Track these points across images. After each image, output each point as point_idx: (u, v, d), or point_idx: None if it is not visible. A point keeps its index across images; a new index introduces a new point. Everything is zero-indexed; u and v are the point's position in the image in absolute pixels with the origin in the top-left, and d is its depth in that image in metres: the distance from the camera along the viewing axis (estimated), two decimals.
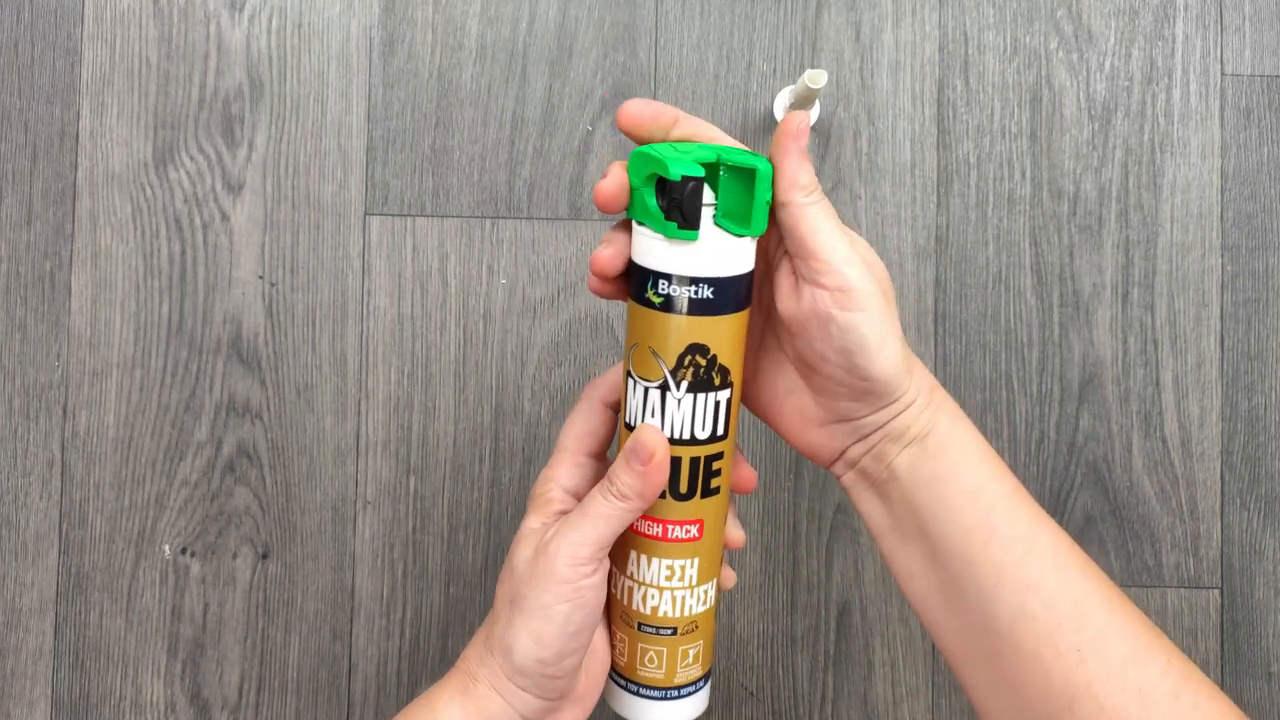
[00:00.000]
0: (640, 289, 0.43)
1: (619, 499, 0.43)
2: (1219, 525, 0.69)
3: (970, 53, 0.71)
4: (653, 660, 0.46)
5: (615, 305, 0.69)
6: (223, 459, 0.68)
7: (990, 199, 0.70)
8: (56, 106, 0.69)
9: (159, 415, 0.68)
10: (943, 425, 0.44)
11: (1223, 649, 0.69)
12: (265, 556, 0.68)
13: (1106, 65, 0.71)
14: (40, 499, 0.68)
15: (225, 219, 0.69)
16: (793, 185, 0.41)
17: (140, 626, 0.68)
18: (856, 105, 0.70)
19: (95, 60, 0.70)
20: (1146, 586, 0.69)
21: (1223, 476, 0.69)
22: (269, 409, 0.69)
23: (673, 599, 0.45)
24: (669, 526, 0.45)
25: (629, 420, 0.44)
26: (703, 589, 0.46)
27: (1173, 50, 0.71)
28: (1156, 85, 0.71)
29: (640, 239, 0.43)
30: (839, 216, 0.43)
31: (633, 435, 0.43)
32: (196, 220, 0.69)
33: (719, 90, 0.70)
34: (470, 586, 0.69)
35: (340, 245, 0.69)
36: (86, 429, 0.68)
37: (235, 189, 0.69)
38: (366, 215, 0.70)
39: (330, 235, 0.69)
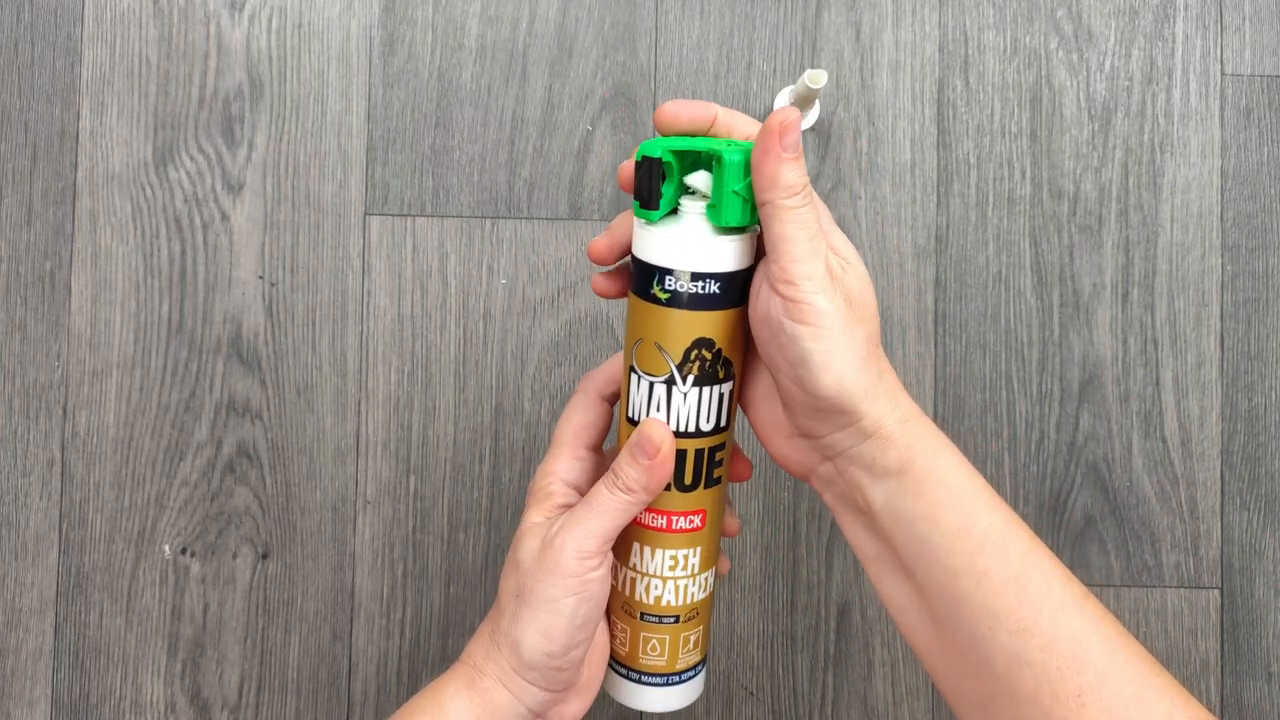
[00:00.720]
0: (644, 285, 0.43)
1: (625, 492, 0.43)
2: (1219, 525, 0.69)
3: (970, 53, 0.71)
4: (655, 648, 0.47)
5: (615, 305, 0.69)
6: (223, 459, 0.68)
7: (990, 199, 0.70)
8: (56, 106, 0.69)
9: (159, 415, 0.68)
10: (920, 460, 0.41)
11: (1223, 649, 0.69)
12: (265, 556, 0.68)
13: (1106, 65, 0.71)
14: (40, 499, 0.68)
15: (225, 219, 0.69)
16: (772, 184, 0.40)
17: (140, 626, 0.68)
18: (856, 105, 0.70)
19: (95, 60, 0.70)
20: (1146, 586, 0.69)
21: (1223, 476, 0.69)
22: (269, 409, 0.69)
23: (676, 588, 0.46)
24: (673, 518, 0.45)
25: (632, 415, 0.44)
26: (704, 576, 0.46)
27: (1173, 50, 0.71)
28: (1156, 85, 0.71)
29: (640, 233, 0.43)
30: (838, 218, 0.42)
31: (638, 429, 0.43)
32: (196, 220, 0.69)
33: (719, 90, 0.70)
34: (470, 586, 0.69)
35: (340, 245, 0.69)
36: (86, 429, 0.68)
37: (235, 189, 0.69)
38: (366, 215, 0.70)
39: (330, 235, 0.69)
